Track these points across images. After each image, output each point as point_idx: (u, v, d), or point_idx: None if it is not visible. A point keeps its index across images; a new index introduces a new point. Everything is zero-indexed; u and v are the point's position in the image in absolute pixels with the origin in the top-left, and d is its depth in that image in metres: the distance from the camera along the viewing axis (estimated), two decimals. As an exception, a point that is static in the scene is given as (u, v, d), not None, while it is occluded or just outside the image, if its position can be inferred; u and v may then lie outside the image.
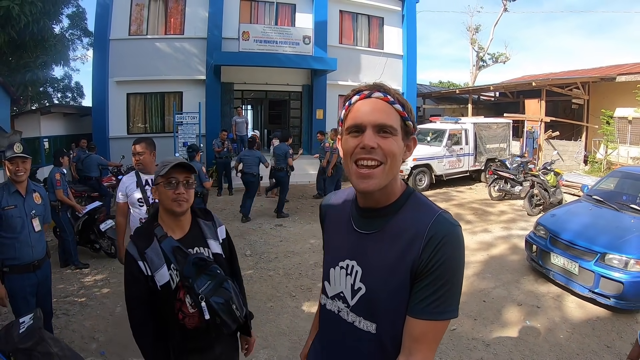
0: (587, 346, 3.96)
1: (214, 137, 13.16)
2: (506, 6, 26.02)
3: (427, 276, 1.11)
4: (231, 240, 2.16)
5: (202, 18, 13.64)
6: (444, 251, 1.10)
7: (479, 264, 6.11)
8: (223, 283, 1.82)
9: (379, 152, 1.12)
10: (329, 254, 1.37)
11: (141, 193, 3.57)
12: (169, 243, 1.83)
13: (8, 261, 3.14)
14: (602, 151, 14.89)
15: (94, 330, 4.20)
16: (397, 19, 16.28)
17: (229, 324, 1.80)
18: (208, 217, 2.06)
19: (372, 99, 1.16)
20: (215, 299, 1.76)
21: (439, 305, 1.10)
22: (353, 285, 1.24)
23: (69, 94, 22.55)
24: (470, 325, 4.31)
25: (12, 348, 2.51)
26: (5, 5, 10.04)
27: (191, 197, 1.90)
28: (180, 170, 1.87)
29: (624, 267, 4.51)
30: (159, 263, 1.80)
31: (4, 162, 3.20)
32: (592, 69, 19.51)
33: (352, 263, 1.25)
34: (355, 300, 1.24)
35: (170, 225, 1.91)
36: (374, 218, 1.23)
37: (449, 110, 20.26)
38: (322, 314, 1.40)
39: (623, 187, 6.27)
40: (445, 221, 1.15)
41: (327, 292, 1.35)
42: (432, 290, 1.10)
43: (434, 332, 1.13)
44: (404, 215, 1.20)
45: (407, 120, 1.18)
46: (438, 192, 11.83)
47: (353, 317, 1.24)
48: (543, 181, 9.38)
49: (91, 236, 6.31)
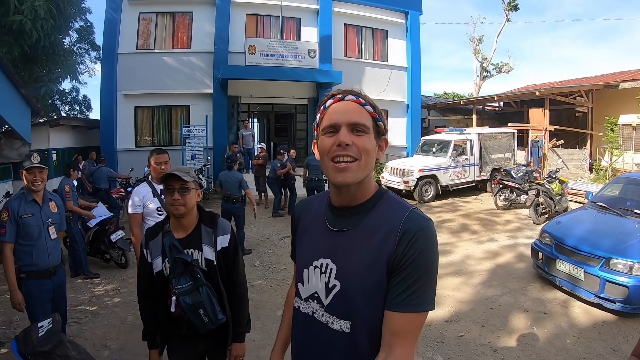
0: (594, 350, 3.98)
1: (221, 149, 13.34)
2: (508, 16, 26.24)
3: (403, 270, 1.13)
4: (236, 251, 2.26)
5: (208, 32, 13.92)
6: (418, 245, 1.13)
7: (486, 273, 6.14)
8: (199, 288, 2.07)
9: (353, 148, 1.18)
10: (303, 256, 1.38)
11: (159, 202, 3.65)
12: (169, 240, 2.12)
13: (25, 267, 3.23)
14: (607, 158, 14.89)
15: (106, 338, 4.25)
16: (401, 31, 16.50)
17: (197, 324, 2.07)
18: (212, 224, 2.22)
19: (346, 101, 1.23)
20: (184, 299, 2.04)
21: (416, 298, 1.12)
22: (327, 283, 1.25)
23: (76, 106, 22.81)
24: (477, 331, 4.35)
25: (32, 351, 2.58)
26: (18, 19, 10.28)
27: (188, 202, 2.11)
28: (176, 179, 2.10)
29: (629, 271, 4.55)
30: (156, 254, 2.14)
31: (22, 172, 3.32)
32: (595, 77, 19.57)
33: (326, 261, 1.27)
34: (329, 298, 1.25)
35: (174, 226, 2.18)
36: (348, 216, 1.26)
37: (453, 121, 20.35)
38: (295, 317, 1.40)
39: (627, 193, 6.31)
40: (417, 216, 1.19)
41: (300, 294, 1.36)
42: (409, 284, 1.12)
43: (413, 325, 1.14)
44: (377, 212, 1.24)
45: (378, 121, 1.25)
46: (444, 203, 11.86)
47: (327, 318, 1.25)
48: (548, 190, 9.41)
49: (102, 247, 6.40)
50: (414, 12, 16.34)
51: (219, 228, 2.21)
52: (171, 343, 2.29)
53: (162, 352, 2.31)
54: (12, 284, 3.16)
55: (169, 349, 2.31)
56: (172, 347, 2.29)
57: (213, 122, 13.64)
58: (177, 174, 2.09)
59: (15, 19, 10.29)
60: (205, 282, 2.08)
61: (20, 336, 2.69)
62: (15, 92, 7.66)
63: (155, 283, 2.16)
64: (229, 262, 2.22)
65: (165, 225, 2.19)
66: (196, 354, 2.27)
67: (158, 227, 2.21)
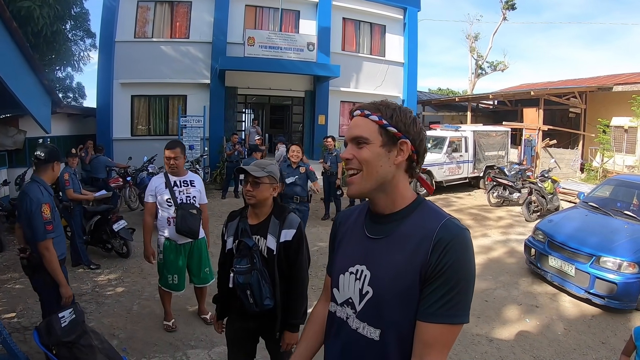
0: (583, 342, 4.20)
1: (218, 140, 13.36)
2: (505, 15, 26.43)
3: (436, 279, 1.11)
4: (299, 247, 2.40)
5: (207, 22, 13.86)
6: (452, 254, 1.11)
7: (480, 267, 6.32)
8: (252, 271, 2.29)
9: (354, 161, 1.24)
10: (340, 261, 1.38)
11: (170, 194, 3.78)
12: (243, 224, 2.40)
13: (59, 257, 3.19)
14: (598, 159, 15.14)
15: (113, 327, 4.23)
16: (398, 27, 16.58)
17: (244, 302, 2.31)
18: (280, 217, 2.40)
19: (354, 117, 1.30)
20: (239, 277, 2.28)
21: (450, 309, 1.10)
22: (361, 289, 1.25)
23: (70, 94, 22.52)
24: (473, 322, 4.52)
25: (56, 342, 2.64)
26: (27, 5, 10.21)
27: (258, 195, 2.33)
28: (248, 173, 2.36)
29: (618, 269, 4.77)
30: (230, 234, 2.44)
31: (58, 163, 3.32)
32: (589, 79, 19.83)
33: (361, 268, 1.26)
34: (362, 305, 1.24)
35: (250, 213, 2.46)
36: (385, 224, 1.26)
37: (448, 117, 20.53)
38: (330, 321, 1.40)
39: (617, 195, 6.53)
40: (453, 225, 1.17)
41: (336, 299, 1.36)
42: (442, 294, 1.10)
43: (445, 336, 1.12)
44: (412, 220, 1.22)
45: (387, 126, 1.23)
46: (438, 198, 12.04)
47: (357, 324, 1.25)
48: (540, 188, 9.62)
49: (103, 236, 6.41)
50: (412, 8, 16.39)
51: (287, 222, 2.37)
52: (230, 314, 2.58)
53: (220, 318, 2.65)
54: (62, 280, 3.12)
55: (228, 319, 2.61)
56: (230, 318, 2.58)
57: (210, 113, 13.63)
58: (246, 169, 2.34)
59: (24, 5, 10.22)
60: (260, 267, 2.29)
61: (42, 327, 2.72)
62: (37, 82, 7.65)
63: (227, 258, 2.46)
64: (290, 255, 2.36)
65: (245, 211, 2.48)
66: (247, 330, 2.49)
67: (238, 211, 2.53)
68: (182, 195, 3.90)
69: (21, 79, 6.95)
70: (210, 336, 4.07)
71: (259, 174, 2.31)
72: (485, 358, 3.88)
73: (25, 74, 7.13)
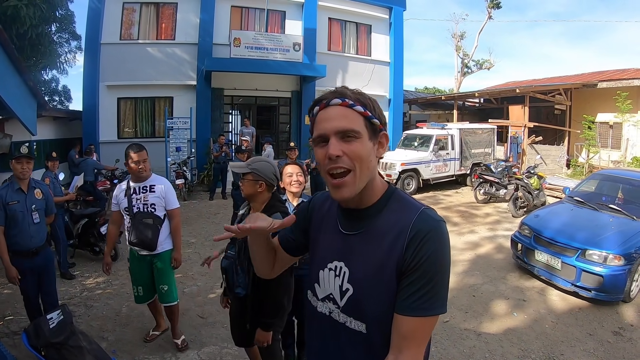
0: (571, 334, 4.25)
1: (205, 141, 13.30)
2: (491, 14, 26.63)
3: (413, 273, 1.09)
4: None
5: (193, 24, 13.79)
6: (428, 247, 1.09)
7: (467, 263, 6.39)
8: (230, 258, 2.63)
9: (345, 159, 1.12)
10: (318, 256, 1.35)
11: (127, 203, 3.59)
12: (246, 213, 2.66)
13: (12, 246, 3.60)
14: (584, 155, 15.35)
15: (102, 330, 4.21)
16: (384, 26, 16.66)
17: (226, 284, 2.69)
18: (270, 211, 2.48)
19: (331, 106, 1.16)
20: (223, 261, 2.70)
21: (426, 302, 1.08)
22: (341, 286, 1.22)
23: (56, 97, 22.27)
24: (461, 317, 4.57)
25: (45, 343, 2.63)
26: (14, 4, 10.06)
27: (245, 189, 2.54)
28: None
29: (604, 261, 4.84)
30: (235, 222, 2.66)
31: (11, 161, 3.65)
32: (574, 76, 20.10)
33: (340, 264, 1.24)
34: (344, 301, 1.22)
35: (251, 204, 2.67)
36: (358, 219, 1.23)
37: (434, 116, 20.65)
38: (312, 317, 1.36)
39: (602, 189, 6.65)
40: (428, 217, 1.15)
41: (317, 294, 1.32)
42: (418, 287, 1.08)
43: (422, 328, 1.11)
44: (387, 214, 1.20)
45: (372, 119, 1.16)
46: (426, 196, 12.14)
47: (344, 318, 1.22)
48: (527, 184, 9.73)
49: (91, 239, 6.37)
50: (398, 7, 16.48)
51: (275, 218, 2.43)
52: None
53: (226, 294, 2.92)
54: (6, 261, 3.53)
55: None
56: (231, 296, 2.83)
57: (196, 114, 13.56)
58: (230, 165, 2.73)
59: (11, 3, 10.06)
60: (238, 257, 2.49)
61: (30, 329, 2.73)
62: (23, 84, 7.58)
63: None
64: None
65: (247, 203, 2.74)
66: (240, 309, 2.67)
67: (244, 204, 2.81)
68: (139, 204, 3.60)
69: (6, 80, 6.86)
70: (200, 337, 4.07)
71: (241, 170, 2.44)
72: (473, 352, 3.92)
73: (10, 76, 7.05)
